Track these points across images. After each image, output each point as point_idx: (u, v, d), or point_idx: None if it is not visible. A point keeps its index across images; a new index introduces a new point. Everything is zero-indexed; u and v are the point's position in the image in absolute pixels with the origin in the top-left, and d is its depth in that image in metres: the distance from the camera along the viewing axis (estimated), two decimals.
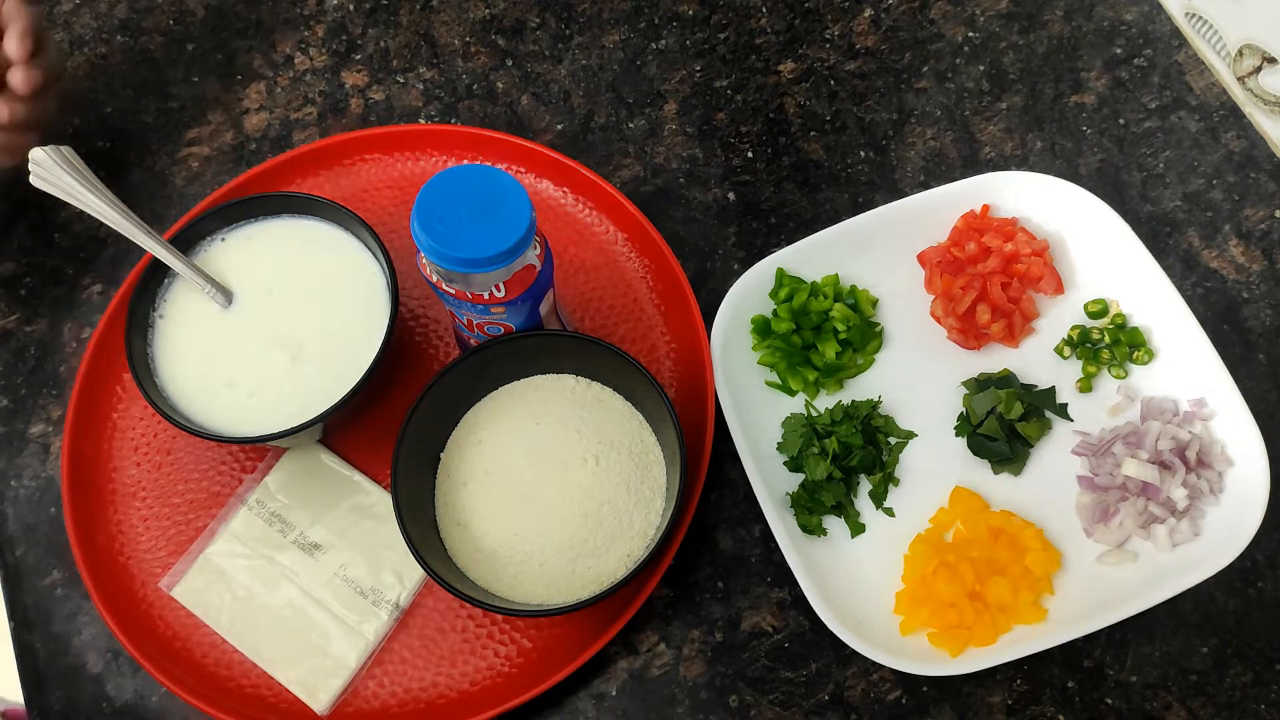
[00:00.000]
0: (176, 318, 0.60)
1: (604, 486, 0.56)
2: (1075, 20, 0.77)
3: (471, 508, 0.57)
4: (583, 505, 0.56)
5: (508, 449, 0.58)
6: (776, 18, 0.78)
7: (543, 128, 0.74)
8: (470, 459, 0.58)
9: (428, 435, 0.58)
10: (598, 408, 0.59)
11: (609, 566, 0.55)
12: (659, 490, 0.57)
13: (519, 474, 0.57)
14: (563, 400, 0.59)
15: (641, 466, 0.58)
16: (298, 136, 0.73)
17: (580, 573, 0.55)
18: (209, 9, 0.78)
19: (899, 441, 0.63)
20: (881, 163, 0.72)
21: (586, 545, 0.56)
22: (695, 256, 0.69)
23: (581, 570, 0.55)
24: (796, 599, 0.60)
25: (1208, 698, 0.58)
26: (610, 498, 0.56)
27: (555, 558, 0.55)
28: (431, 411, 0.57)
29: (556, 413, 0.59)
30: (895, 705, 0.58)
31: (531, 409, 0.59)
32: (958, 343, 0.65)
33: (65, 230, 0.70)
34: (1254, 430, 0.58)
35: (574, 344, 0.58)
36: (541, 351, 0.59)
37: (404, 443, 0.55)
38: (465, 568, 0.56)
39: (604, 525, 0.56)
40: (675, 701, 0.58)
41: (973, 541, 0.59)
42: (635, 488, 0.57)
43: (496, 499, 0.57)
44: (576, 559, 0.55)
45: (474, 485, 0.58)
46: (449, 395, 0.58)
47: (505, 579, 0.56)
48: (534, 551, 0.56)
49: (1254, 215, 0.70)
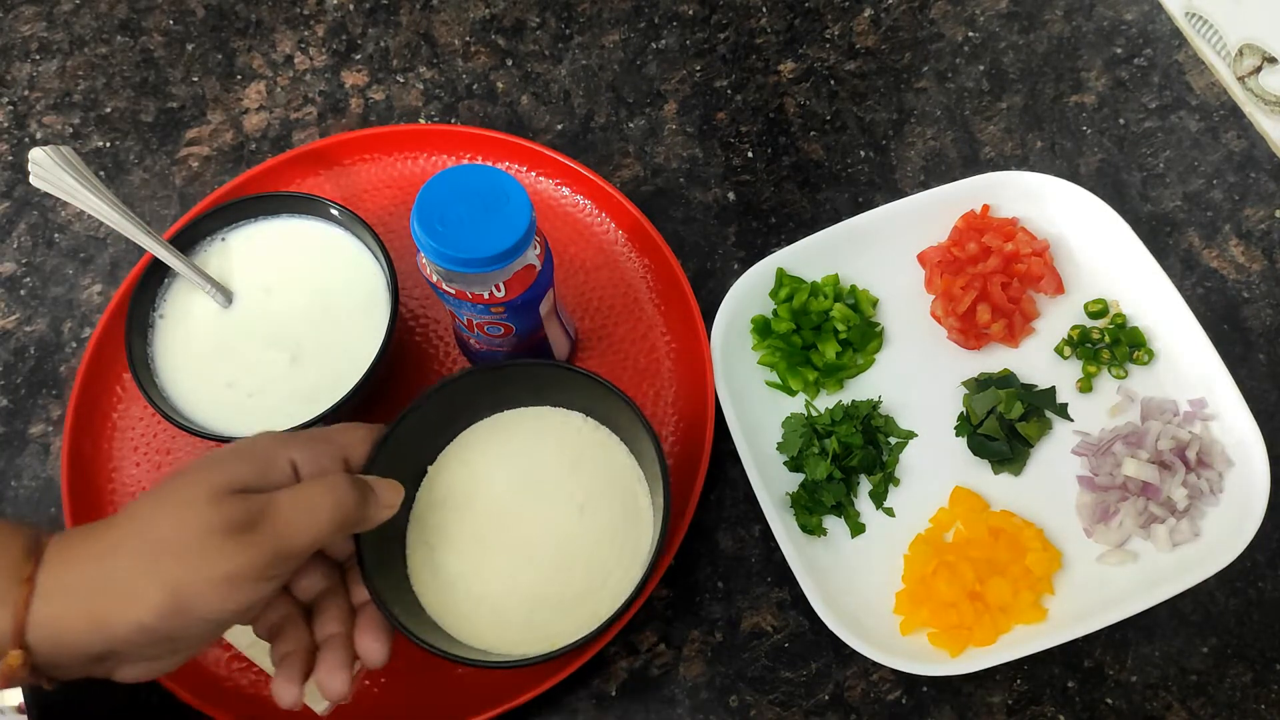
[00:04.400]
0: (177, 318, 0.60)
1: (585, 538, 0.52)
2: (1075, 20, 0.77)
3: (442, 529, 0.53)
4: (557, 553, 0.52)
5: (494, 475, 0.54)
6: (776, 17, 0.78)
7: (543, 127, 0.74)
8: (453, 478, 0.54)
9: (417, 444, 0.54)
10: (599, 453, 0.55)
11: (569, 625, 0.50)
12: (640, 558, 0.52)
13: (499, 504, 0.53)
14: (565, 437, 0.55)
15: (629, 525, 0.53)
16: (298, 136, 0.73)
17: (536, 625, 0.51)
18: (209, 9, 0.78)
19: (899, 441, 0.63)
20: (881, 162, 0.72)
21: (551, 598, 0.51)
22: (695, 256, 0.69)
23: (539, 623, 0.51)
24: (796, 599, 0.60)
25: (1208, 698, 0.58)
26: (589, 552, 0.52)
27: (514, 603, 0.51)
28: (426, 420, 0.53)
29: (555, 448, 0.55)
30: (895, 705, 0.58)
31: (530, 438, 0.55)
32: (958, 343, 0.65)
33: (65, 230, 0.70)
34: (1254, 430, 0.58)
35: (590, 384, 0.53)
36: (555, 382, 0.55)
37: (390, 443, 0.50)
38: (420, 592, 0.52)
39: (574, 581, 0.52)
40: (675, 701, 0.58)
41: (973, 541, 0.59)
42: (618, 546, 0.52)
43: (470, 525, 0.53)
44: (535, 610, 0.51)
45: (450, 506, 0.54)
46: (449, 407, 0.54)
47: (456, 612, 0.51)
48: (493, 592, 0.52)
49: (1254, 215, 0.70)
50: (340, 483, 0.44)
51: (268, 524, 0.42)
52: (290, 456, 0.45)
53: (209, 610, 0.40)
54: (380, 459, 0.49)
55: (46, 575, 0.40)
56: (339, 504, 0.43)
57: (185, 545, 0.40)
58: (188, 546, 0.40)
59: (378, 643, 0.47)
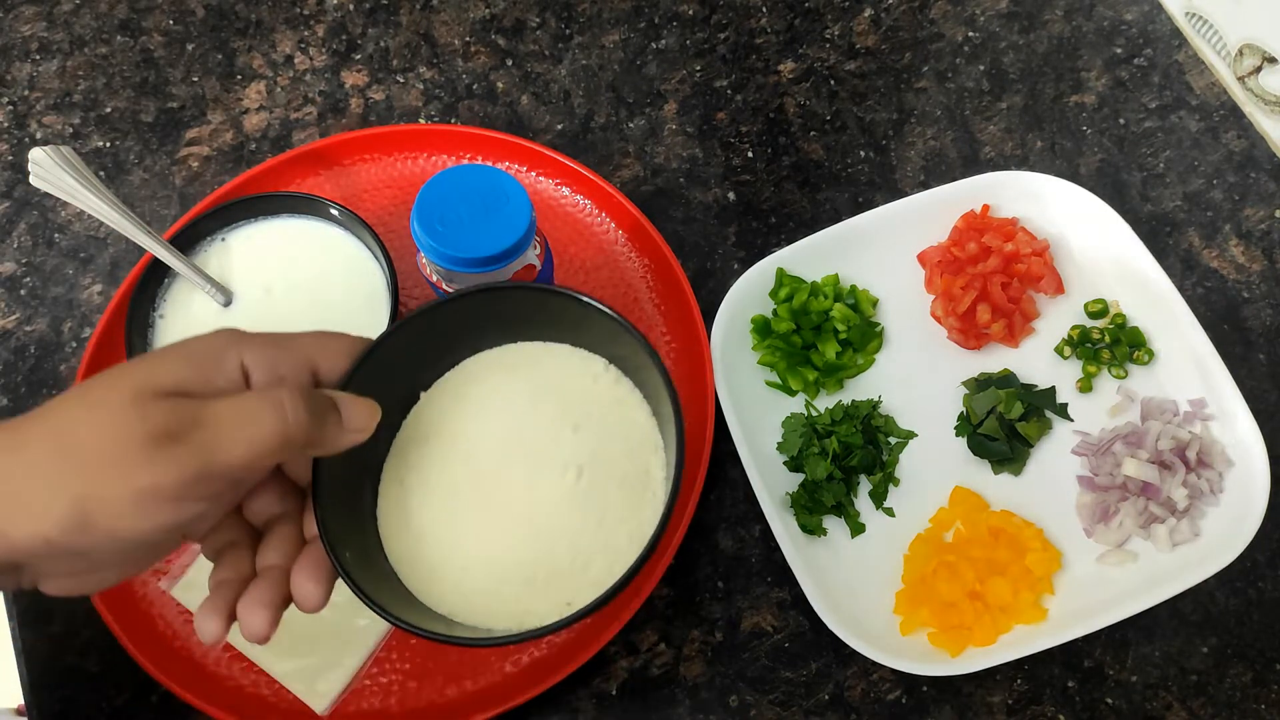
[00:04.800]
0: (176, 317, 0.60)
1: (575, 510, 0.44)
2: (1075, 20, 0.77)
3: (420, 469, 0.46)
4: (540, 522, 0.44)
5: (489, 416, 0.46)
6: (776, 17, 0.78)
7: (543, 127, 0.74)
8: (444, 411, 0.47)
9: (413, 364, 0.46)
10: (614, 410, 0.46)
11: (539, 606, 0.43)
12: (637, 541, 0.44)
13: (487, 450, 0.46)
14: (579, 384, 0.47)
15: (632, 503, 0.45)
16: (298, 136, 0.73)
17: (505, 598, 0.43)
18: (209, 9, 0.78)
19: (899, 441, 0.63)
20: (881, 162, 0.72)
21: (523, 572, 0.44)
22: (695, 256, 0.69)
23: (507, 596, 0.43)
24: (796, 599, 0.60)
25: (1208, 698, 0.58)
26: (576, 528, 0.44)
27: (483, 569, 0.44)
28: (426, 338, 0.45)
29: (564, 395, 0.47)
30: (895, 705, 0.58)
31: (538, 379, 0.47)
32: (958, 342, 0.65)
33: (65, 230, 0.70)
34: (1254, 430, 0.58)
35: (617, 329, 0.44)
36: (581, 321, 0.46)
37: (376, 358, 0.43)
38: (386, 536, 0.45)
39: (553, 558, 0.44)
40: (675, 701, 0.58)
41: (973, 541, 0.59)
42: (610, 526, 0.44)
43: (450, 470, 0.46)
44: (505, 581, 0.44)
45: (435, 444, 0.46)
46: (456, 327, 0.46)
47: (421, 565, 0.44)
48: (463, 551, 0.44)
49: (1254, 215, 0.70)
50: (289, 395, 0.37)
51: (196, 435, 0.35)
52: (242, 358, 0.39)
53: (119, 528, 0.35)
54: (362, 374, 0.42)
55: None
56: (282, 419, 0.37)
57: (98, 451, 0.35)
58: (100, 453, 0.35)
59: (312, 583, 0.40)
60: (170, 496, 0.35)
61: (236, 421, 0.36)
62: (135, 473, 0.35)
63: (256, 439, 0.36)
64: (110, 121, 0.74)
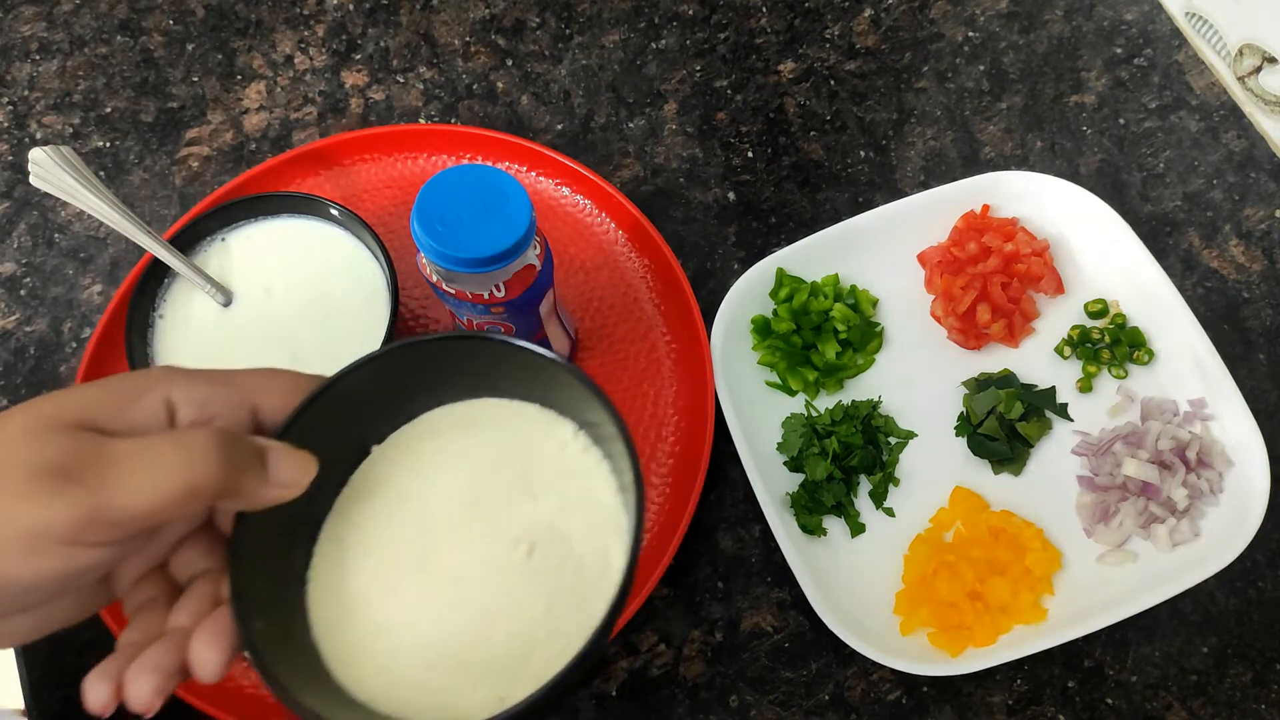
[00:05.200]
0: (176, 318, 0.60)
1: (520, 588, 0.38)
2: (1075, 20, 0.77)
3: (362, 530, 0.41)
4: (481, 597, 0.38)
5: (441, 478, 0.42)
6: (776, 17, 0.78)
7: (543, 127, 0.74)
8: (395, 468, 0.42)
9: (367, 413, 0.42)
10: (579, 482, 0.41)
11: (466, 701, 0.37)
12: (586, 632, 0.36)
13: (435, 517, 0.40)
14: (543, 452, 0.41)
15: (585, 588, 0.38)
16: (298, 136, 0.73)
17: (430, 689, 0.37)
18: (209, 9, 0.78)
19: (899, 441, 0.63)
20: (881, 162, 0.72)
21: (456, 658, 0.38)
22: (695, 256, 0.69)
23: (433, 688, 0.37)
24: (796, 599, 0.60)
25: (1208, 698, 0.58)
26: (520, 612, 0.38)
27: (413, 651, 0.38)
28: (382, 385, 0.41)
29: (523, 462, 0.41)
30: (895, 705, 0.58)
31: (499, 443, 0.42)
32: (958, 343, 0.65)
33: (65, 230, 0.70)
34: (1254, 430, 0.58)
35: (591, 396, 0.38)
36: (553, 381, 0.40)
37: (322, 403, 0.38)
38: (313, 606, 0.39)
39: (490, 641, 0.38)
40: (675, 702, 0.58)
41: (973, 541, 0.59)
42: (558, 613, 0.38)
43: (393, 535, 0.40)
44: (435, 668, 0.37)
45: (380, 504, 0.41)
46: (417, 376, 0.42)
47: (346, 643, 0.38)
48: (395, 630, 0.38)
49: (1254, 215, 0.70)
50: (204, 440, 0.32)
51: (93, 476, 0.31)
52: (167, 395, 0.34)
53: (7, 571, 0.31)
54: (307, 420, 0.38)
55: None
56: (190, 466, 0.32)
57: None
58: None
59: (212, 650, 0.34)
60: (60, 539, 0.31)
61: (138, 464, 0.32)
62: (21, 509, 0.31)
63: (158, 486, 0.31)
64: (110, 121, 0.74)
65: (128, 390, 0.34)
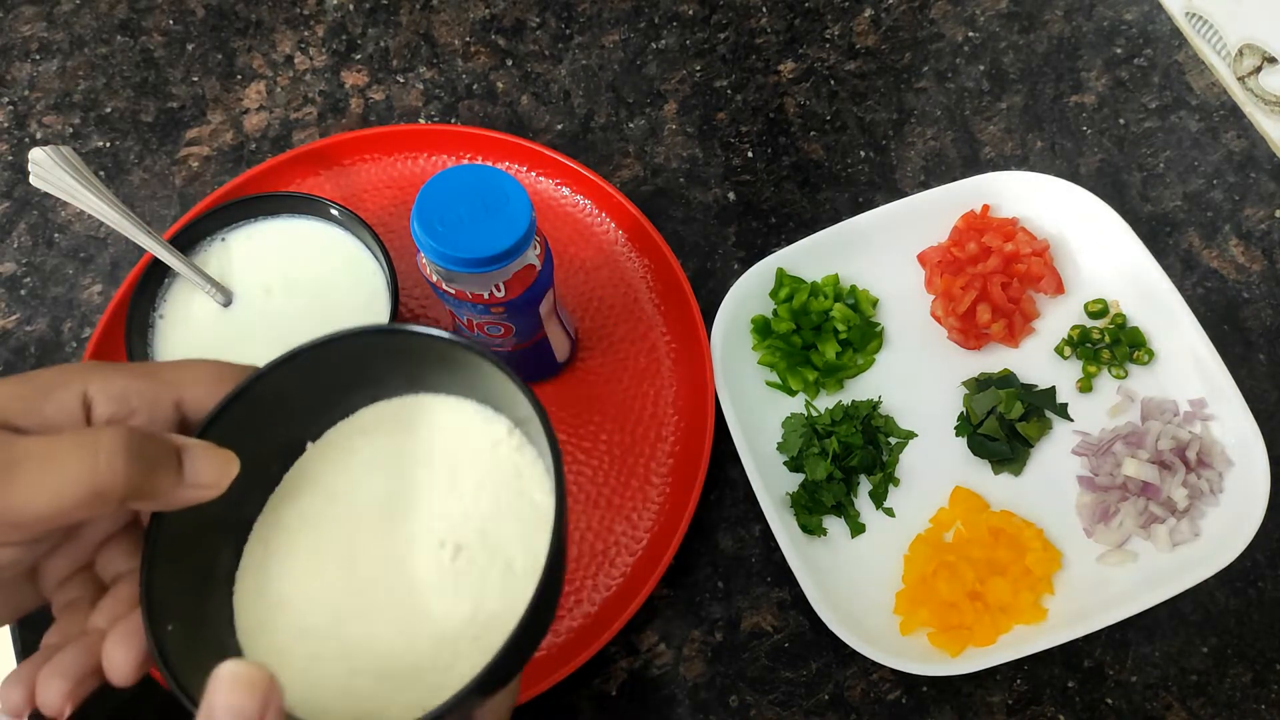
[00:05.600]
0: (176, 318, 0.60)
1: (445, 593, 0.37)
2: (1075, 20, 0.77)
3: (288, 530, 0.39)
4: (406, 602, 0.37)
5: (373, 476, 0.40)
6: (776, 17, 0.78)
7: (543, 127, 0.74)
8: (327, 466, 0.41)
9: (301, 408, 0.40)
10: (511, 481, 0.39)
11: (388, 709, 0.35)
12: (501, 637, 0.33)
13: (363, 516, 0.39)
14: (476, 450, 0.40)
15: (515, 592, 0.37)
16: (297, 136, 0.73)
17: (352, 694, 0.36)
18: (209, 9, 0.78)
19: (899, 441, 0.63)
20: (882, 162, 0.72)
21: (378, 662, 0.36)
22: (695, 256, 0.69)
23: (356, 693, 0.36)
24: (796, 599, 0.60)
25: (1208, 698, 0.58)
26: (446, 613, 0.36)
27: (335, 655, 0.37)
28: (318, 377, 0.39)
29: (456, 461, 0.40)
30: (895, 705, 0.58)
31: (433, 440, 0.41)
32: (958, 343, 0.65)
33: (65, 230, 0.70)
34: (1254, 430, 0.58)
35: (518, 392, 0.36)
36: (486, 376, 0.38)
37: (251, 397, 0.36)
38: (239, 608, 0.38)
39: (414, 647, 0.36)
40: (675, 702, 0.58)
41: (973, 541, 0.59)
42: (484, 620, 0.36)
43: (320, 535, 0.39)
44: (357, 674, 0.36)
45: (309, 503, 0.40)
46: (354, 369, 0.40)
47: (269, 648, 0.37)
48: (317, 634, 0.37)
49: (1254, 215, 0.70)
50: (109, 438, 0.31)
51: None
52: (84, 390, 0.33)
53: None
54: (233, 414, 0.36)
55: None
56: (94, 467, 0.30)
57: None
58: None
59: (124, 650, 0.33)
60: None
61: (41, 464, 0.30)
62: None
63: (60, 487, 0.30)
64: (110, 121, 0.74)
65: (42, 385, 0.32)
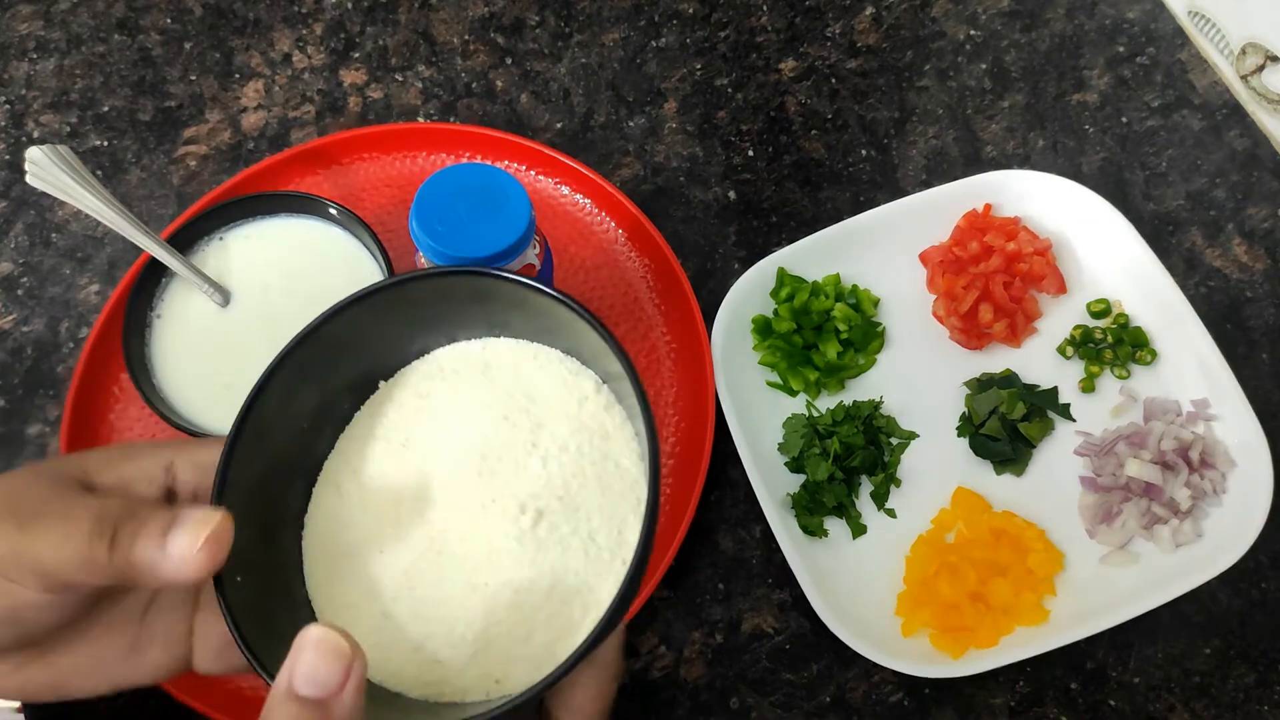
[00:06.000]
0: (174, 317, 0.60)
1: (523, 562, 0.34)
2: (1078, 18, 0.77)
3: (360, 473, 0.38)
4: (481, 567, 0.35)
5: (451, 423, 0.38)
6: (777, 16, 0.77)
7: (542, 126, 0.73)
8: (403, 410, 0.38)
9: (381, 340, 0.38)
10: (598, 446, 0.36)
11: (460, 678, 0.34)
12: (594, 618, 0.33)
13: (434, 466, 0.37)
14: (560, 406, 0.37)
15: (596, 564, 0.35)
16: (296, 135, 0.73)
17: (423, 660, 0.34)
18: (206, 7, 0.78)
19: (901, 442, 0.62)
20: (883, 161, 0.72)
21: (451, 628, 0.34)
22: (695, 256, 0.69)
23: (426, 659, 0.34)
24: (797, 600, 0.60)
25: (1211, 699, 0.58)
26: (524, 584, 0.34)
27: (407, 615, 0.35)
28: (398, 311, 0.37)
29: (538, 417, 0.37)
30: (897, 707, 0.58)
31: (514, 390, 0.38)
32: (960, 343, 0.65)
33: (62, 230, 0.70)
34: (1258, 430, 0.58)
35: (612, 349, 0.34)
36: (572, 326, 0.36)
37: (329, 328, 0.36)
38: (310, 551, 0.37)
39: (489, 616, 0.34)
40: (676, 703, 0.58)
41: (975, 542, 0.59)
42: (562, 593, 0.34)
43: (391, 482, 0.37)
44: (429, 637, 0.34)
45: (381, 447, 0.38)
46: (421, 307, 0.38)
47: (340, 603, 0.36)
48: (389, 587, 0.35)
49: (1257, 214, 0.70)
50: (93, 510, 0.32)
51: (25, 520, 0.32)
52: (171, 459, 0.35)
53: None
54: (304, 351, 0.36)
55: None
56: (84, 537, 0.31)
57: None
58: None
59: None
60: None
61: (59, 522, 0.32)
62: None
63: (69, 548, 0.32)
64: (107, 120, 0.74)
65: (132, 451, 0.35)
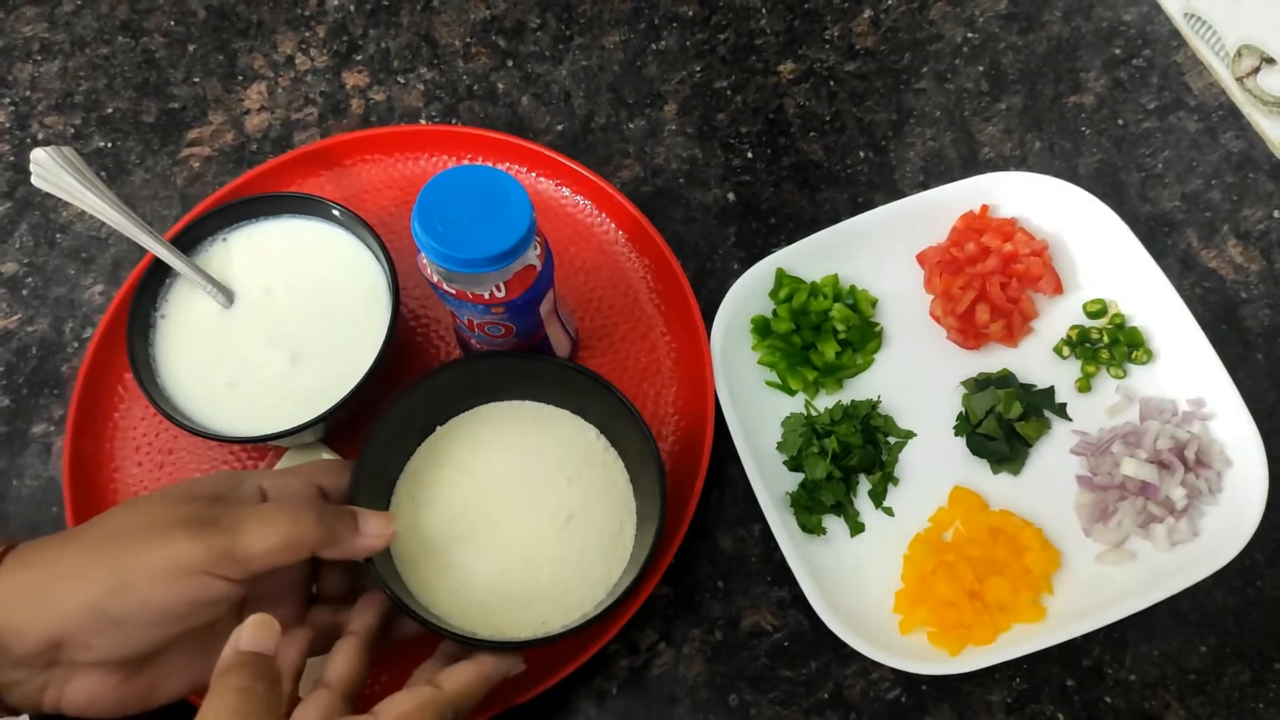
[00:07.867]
0: (178, 318, 0.60)
1: (560, 545, 0.55)
2: (1074, 21, 0.77)
3: (434, 485, 0.56)
4: (530, 549, 0.54)
5: (498, 455, 0.57)
6: (776, 18, 0.78)
7: (543, 128, 0.74)
8: (460, 445, 0.57)
9: (441, 400, 0.57)
10: (601, 473, 0.57)
11: (519, 621, 0.53)
12: (605, 582, 0.55)
13: (491, 482, 0.56)
14: (574, 447, 0.58)
15: (604, 549, 0.55)
16: (299, 137, 0.74)
17: (492, 609, 0.53)
18: (210, 9, 0.78)
19: (898, 441, 0.63)
20: (881, 163, 0.72)
21: (510, 589, 0.54)
22: (695, 256, 0.69)
23: (494, 609, 0.53)
24: (796, 598, 0.60)
25: (1206, 696, 0.58)
26: (561, 559, 0.54)
27: (478, 581, 0.54)
28: (450, 381, 0.56)
29: (561, 451, 0.57)
30: (894, 704, 0.58)
31: (540, 436, 0.58)
32: (957, 342, 0.65)
33: (67, 231, 0.71)
34: (1252, 430, 0.58)
35: (614, 403, 0.55)
36: (581, 389, 0.57)
37: (417, 390, 0.55)
38: (396, 542, 0.54)
39: (537, 581, 0.54)
40: (675, 700, 0.58)
41: (972, 541, 0.59)
42: (586, 565, 0.54)
43: (459, 493, 0.56)
44: (494, 594, 0.53)
45: (449, 470, 0.56)
46: (474, 378, 0.57)
47: (424, 575, 0.54)
48: (462, 564, 0.54)
49: (1252, 215, 0.70)
50: (300, 504, 0.47)
51: (223, 524, 0.44)
52: (259, 483, 0.49)
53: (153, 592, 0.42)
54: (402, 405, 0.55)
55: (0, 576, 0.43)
56: (293, 521, 0.45)
57: (137, 532, 0.43)
58: (140, 533, 0.43)
59: None
60: (197, 569, 0.42)
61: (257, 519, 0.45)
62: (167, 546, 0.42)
63: (275, 534, 0.45)
64: (111, 122, 0.74)
65: (234, 480, 0.49)
